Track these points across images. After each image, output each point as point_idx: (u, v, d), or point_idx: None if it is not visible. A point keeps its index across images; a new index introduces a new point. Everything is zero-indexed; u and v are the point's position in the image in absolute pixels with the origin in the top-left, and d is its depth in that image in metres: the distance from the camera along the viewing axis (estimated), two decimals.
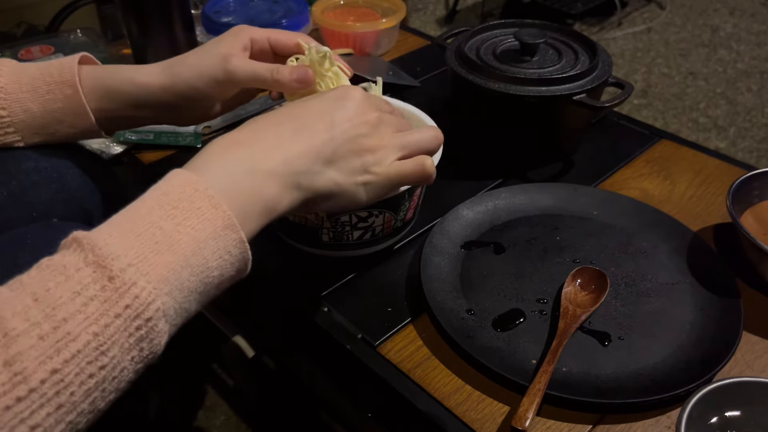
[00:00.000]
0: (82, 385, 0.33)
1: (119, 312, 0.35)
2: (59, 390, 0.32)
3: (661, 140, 0.87)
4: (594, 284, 0.63)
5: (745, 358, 0.58)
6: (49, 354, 0.32)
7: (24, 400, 0.31)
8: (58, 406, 0.32)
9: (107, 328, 0.34)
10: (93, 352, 0.34)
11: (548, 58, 0.80)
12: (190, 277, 0.38)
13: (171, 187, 0.40)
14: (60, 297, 0.34)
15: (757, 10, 2.65)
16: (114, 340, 0.34)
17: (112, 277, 0.35)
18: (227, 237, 0.40)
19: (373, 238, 0.65)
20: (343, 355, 0.60)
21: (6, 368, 0.31)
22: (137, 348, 0.36)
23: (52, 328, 0.33)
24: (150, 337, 0.36)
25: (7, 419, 0.31)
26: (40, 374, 0.32)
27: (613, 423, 0.53)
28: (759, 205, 0.70)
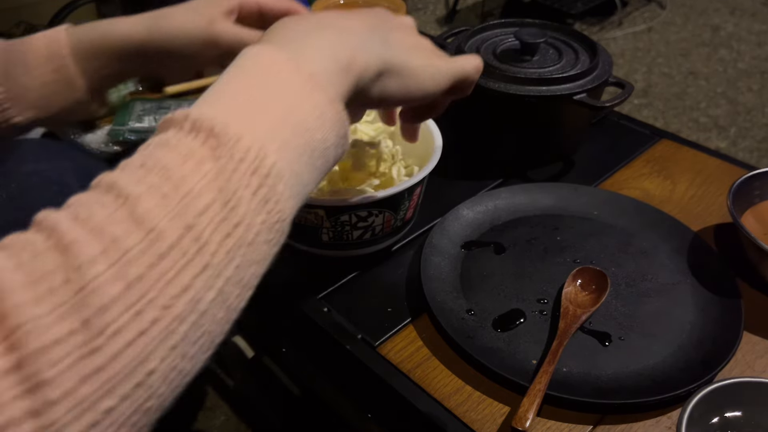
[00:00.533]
0: (222, 245, 0.31)
1: (235, 166, 0.32)
2: (200, 248, 0.30)
3: (662, 140, 0.87)
4: (594, 284, 0.63)
5: (745, 359, 0.58)
6: (177, 210, 0.30)
7: (166, 257, 0.29)
8: (203, 266, 0.30)
9: (229, 183, 0.32)
10: (222, 209, 0.31)
11: (548, 58, 0.80)
12: (294, 137, 0.36)
13: (244, 60, 0.38)
14: (170, 162, 0.32)
15: (758, 9, 2.65)
16: (239, 196, 0.32)
17: (215, 134, 0.33)
18: (314, 96, 0.38)
19: (373, 237, 0.65)
20: (343, 355, 0.60)
21: (137, 226, 0.29)
22: (264, 211, 0.33)
23: (173, 187, 0.31)
24: (273, 198, 0.34)
25: (155, 278, 0.28)
26: (175, 230, 0.30)
27: (614, 423, 0.53)
28: (760, 205, 0.69)
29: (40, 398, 0.25)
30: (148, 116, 0.89)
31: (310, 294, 0.65)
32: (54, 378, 0.25)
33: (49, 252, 0.28)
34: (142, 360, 0.28)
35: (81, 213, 0.29)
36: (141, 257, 0.28)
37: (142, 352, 0.28)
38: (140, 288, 0.28)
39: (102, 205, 0.30)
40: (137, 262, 0.28)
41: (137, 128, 0.87)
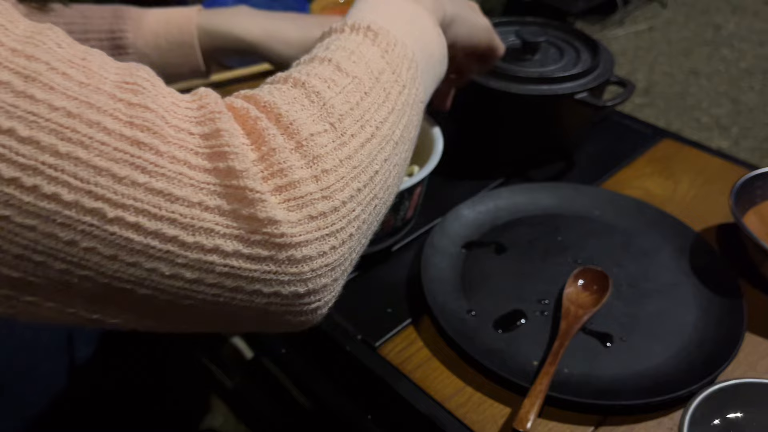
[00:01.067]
0: (398, 98, 0.40)
1: (392, 48, 0.41)
2: (387, 95, 0.39)
3: (664, 139, 0.86)
4: (596, 285, 0.62)
5: (747, 360, 0.58)
6: (366, 70, 0.39)
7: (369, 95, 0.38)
8: (391, 108, 0.39)
9: (392, 59, 0.41)
10: (392, 75, 0.40)
11: (550, 57, 0.80)
12: (420, 39, 0.45)
13: None
14: (347, 45, 0.40)
15: (760, 8, 2.65)
16: (399, 69, 0.41)
17: (371, 29, 0.41)
18: (426, 17, 0.47)
19: (373, 237, 0.65)
20: (342, 356, 0.60)
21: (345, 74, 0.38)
22: (414, 87, 0.42)
23: (358, 57, 0.39)
24: (419, 79, 0.43)
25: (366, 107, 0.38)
26: (370, 80, 0.39)
27: (615, 425, 0.53)
28: (762, 204, 0.69)
29: (318, 168, 0.34)
30: None
31: None
32: (324, 155, 0.34)
33: (292, 88, 0.36)
34: (370, 161, 0.37)
35: (302, 69, 0.38)
36: (354, 92, 0.38)
37: (370, 154, 0.37)
38: (359, 110, 0.37)
39: (313, 66, 0.39)
40: (353, 94, 0.37)
41: None
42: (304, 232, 0.32)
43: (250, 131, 0.33)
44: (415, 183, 0.62)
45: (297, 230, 0.32)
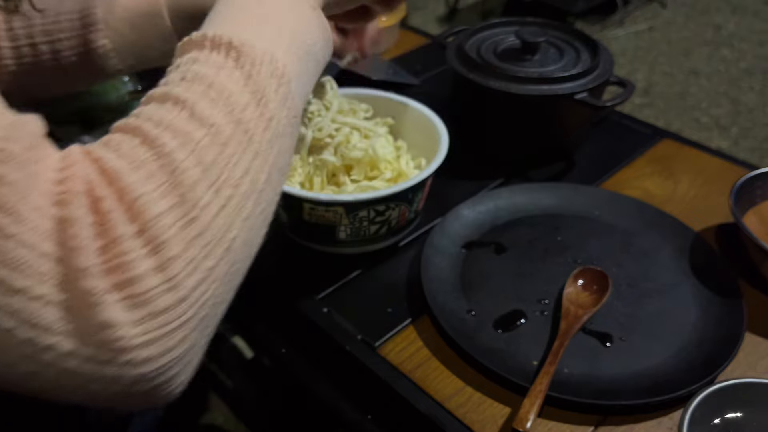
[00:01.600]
0: (263, 135, 0.37)
1: (258, 70, 0.38)
2: (249, 138, 0.36)
3: (663, 140, 0.86)
4: (596, 285, 0.62)
5: (747, 360, 0.58)
6: (226, 110, 0.36)
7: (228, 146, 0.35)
8: (254, 154, 0.36)
9: (257, 85, 0.38)
10: (257, 107, 0.37)
11: (549, 57, 0.80)
12: (292, 43, 0.42)
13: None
14: (206, 73, 0.37)
15: (760, 8, 2.65)
16: (267, 96, 0.38)
17: (234, 46, 0.38)
18: (300, 7, 0.44)
19: (389, 231, 0.66)
20: (342, 356, 0.60)
21: (200, 123, 0.35)
22: (285, 107, 0.39)
23: (217, 92, 0.36)
24: (290, 96, 0.40)
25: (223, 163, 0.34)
26: (229, 126, 0.35)
27: (615, 424, 0.53)
28: (762, 204, 0.69)
29: (163, 256, 0.31)
30: None
31: (310, 294, 0.65)
32: (170, 239, 0.31)
33: (140, 146, 0.33)
34: (226, 229, 0.34)
35: (153, 117, 0.35)
36: (210, 146, 0.34)
37: (225, 223, 0.34)
38: (215, 170, 0.34)
39: (166, 110, 0.35)
40: (208, 150, 0.34)
41: None
42: (144, 333, 0.30)
43: (96, 213, 0.31)
44: (427, 176, 0.63)
45: (136, 331, 0.30)
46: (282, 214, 0.66)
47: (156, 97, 0.36)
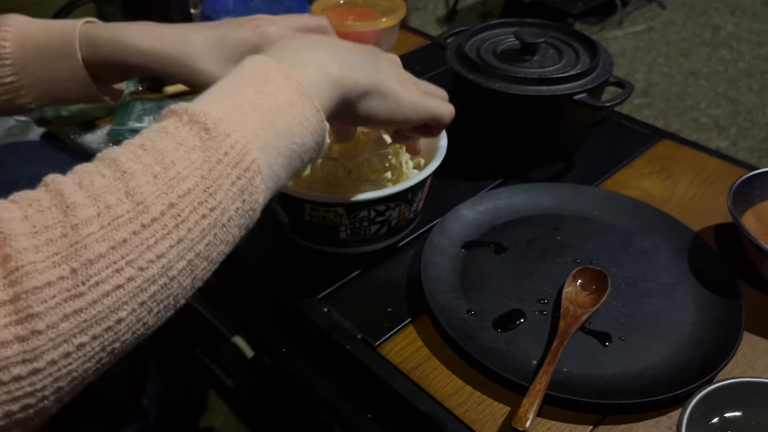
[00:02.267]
0: (197, 224, 0.36)
1: (220, 158, 0.37)
2: (177, 224, 0.35)
3: (662, 140, 0.87)
4: (595, 284, 0.63)
5: (746, 359, 0.58)
6: (164, 190, 0.35)
7: (148, 227, 0.34)
8: (178, 239, 0.35)
9: (212, 172, 0.36)
10: (202, 194, 0.36)
11: (549, 58, 0.80)
12: (276, 139, 0.40)
13: (245, 66, 0.43)
14: (165, 147, 0.36)
15: (759, 9, 2.65)
16: (219, 184, 0.37)
17: (207, 128, 0.37)
18: (303, 104, 0.42)
19: (389, 231, 0.66)
20: (343, 355, 0.60)
21: (128, 198, 0.34)
22: (240, 199, 0.38)
23: (163, 169, 0.35)
24: (249, 190, 0.38)
25: (136, 244, 0.33)
26: (159, 207, 0.34)
27: (614, 424, 0.53)
28: (760, 204, 0.69)
29: (28, 327, 0.30)
30: (148, 116, 0.89)
31: (310, 294, 0.65)
32: (42, 313, 0.30)
33: (53, 209, 0.32)
34: (115, 309, 0.33)
35: (84, 180, 0.34)
36: (128, 224, 0.33)
37: (115, 303, 0.32)
38: (123, 250, 0.33)
39: (103, 176, 0.34)
40: (124, 228, 0.33)
41: (137, 128, 0.87)
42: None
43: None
44: (427, 176, 0.63)
45: None
46: (282, 215, 0.66)
47: (106, 158, 0.36)
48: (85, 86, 0.58)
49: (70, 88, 0.58)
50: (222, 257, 0.39)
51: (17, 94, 0.57)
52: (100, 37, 0.57)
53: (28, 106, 0.59)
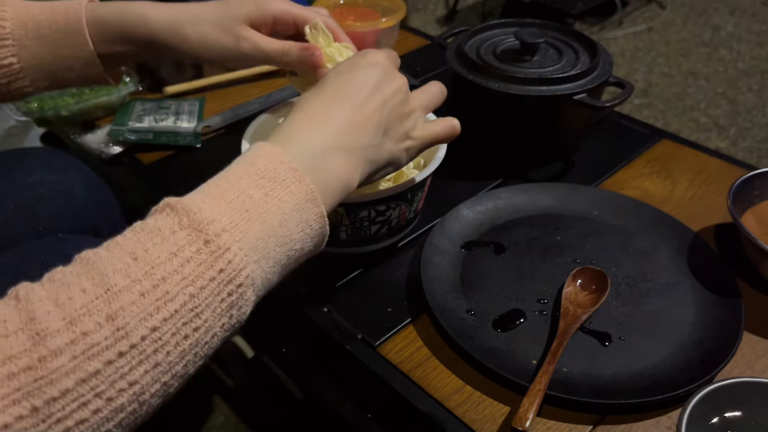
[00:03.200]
0: (178, 345, 0.34)
1: (214, 275, 0.35)
2: (157, 348, 0.33)
3: (662, 140, 0.87)
4: (594, 284, 0.63)
5: (746, 359, 0.58)
6: (149, 311, 0.32)
7: (125, 355, 0.31)
8: (155, 364, 0.33)
9: (202, 291, 0.35)
10: (189, 314, 0.34)
11: (549, 58, 0.80)
12: (276, 248, 0.39)
13: (257, 158, 0.41)
14: (158, 257, 0.34)
15: (758, 9, 2.65)
16: (207, 303, 0.35)
17: (207, 240, 0.35)
18: (309, 210, 0.41)
19: (389, 230, 0.66)
20: (343, 355, 0.60)
21: (109, 323, 0.31)
22: (227, 315, 0.36)
23: (152, 286, 0.33)
24: (239, 304, 0.37)
25: (109, 373, 0.31)
26: (141, 331, 0.32)
27: (614, 423, 0.53)
28: (760, 204, 0.69)
29: None
30: (148, 116, 0.89)
31: (310, 294, 0.65)
32: None
33: (20, 335, 0.30)
34: None
35: (61, 296, 0.31)
36: (103, 353, 0.31)
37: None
38: (93, 382, 0.30)
39: (83, 290, 0.32)
40: (98, 358, 0.30)
41: (137, 128, 0.87)
42: None
43: None
44: (427, 176, 0.63)
45: None
46: None
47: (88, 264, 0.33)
48: (88, 64, 0.56)
49: (72, 67, 0.56)
50: (197, 368, 0.37)
51: (15, 77, 0.55)
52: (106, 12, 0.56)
53: (25, 90, 0.56)
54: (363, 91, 0.48)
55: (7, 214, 0.57)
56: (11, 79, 0.55)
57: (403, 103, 0.50)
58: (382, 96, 0.48)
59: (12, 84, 0.56)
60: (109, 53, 0.57)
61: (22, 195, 0.58)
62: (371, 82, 0.48)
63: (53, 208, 0.58)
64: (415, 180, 0.62)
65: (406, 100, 0.50)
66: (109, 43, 0.56)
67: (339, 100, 0.47)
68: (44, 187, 0.58)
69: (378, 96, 0.48)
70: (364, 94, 0.47)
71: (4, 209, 0.57)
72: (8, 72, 0.55)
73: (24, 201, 0.57)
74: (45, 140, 0.94)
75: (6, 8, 0.54)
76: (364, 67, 0.49)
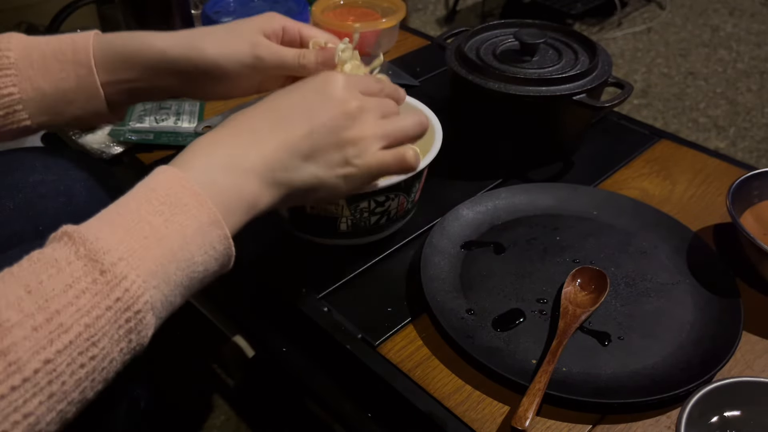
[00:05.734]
0: (73, 374, 0.34)
1: (110, 304, 0.35)
2: (51, 379, 0.33)
3: (661, 140, 0.87)
4: (594, 284, 0.63)
5: (745, 358, 0.58)
6: (42, 344, 0.33)
7: (18, 389, 0.32)
8: (50, 395, 0.33)
9: (98, 320, 0.35)
10: (84, 343, 0.34)
11: (548, 58, 0.80)
12: (177, 272, 0.39)
13: (158, 183, 0.41)
14: (53, 289, 0.34)
15: (757, 10, 2.66)
16: (104, 332, 0.35)
17: (103, 270, 0.35)
18: (212, 233, 0.41)
19: (388, 221, 0.66)
20: (343, 355, 0.60)
21: (1, 358, 0.31)
22: (126, 339, 0.36)
23: (45, 320, 0.33)
24: (138, 329, 0.37)
25: (2, 407, 0.31)
26: (34, 364, 0.32)
27: (613, 423, 0.53)
28: (759, 204, 0.70)
29: None
30: (149, 116, 0.89)
31: (310, 294, 0.65)
32: None
33: None
34: None
35: None
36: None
37: None
38: None
39: None
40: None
41: (138, 128, 0.87)
42: None
43: None
44: (425, 166, 0.64)
45: None
46: (283, 210, 0.66)
47: None
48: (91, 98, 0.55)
49: (74, 101, 0.55)
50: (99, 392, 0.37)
51: (13, 108, 0.54)
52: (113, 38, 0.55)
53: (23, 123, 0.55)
54: (290, 112, 0.47)
55: (7, 214, 0.57)
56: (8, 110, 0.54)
57: (344, 129, 0.48)
58: (311, 119, 0.47)
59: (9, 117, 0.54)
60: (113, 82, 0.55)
61: (23, 194, 0.58)
62: (306, 104, 0.47)
63: (54, 208, 0.58)
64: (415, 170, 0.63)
65: (350, 126, 0.48)
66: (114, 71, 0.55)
67: (257, 119, 0.47)
68: (44, 186, 0.58)
69: (305, 118, 0.47)
70: (288, 115, 0.47)
71: (4, 209, 0.57)
72: (8, 102, 0.54)
73: (24, 200, 0.57)
74: (45, 140, 0.94)
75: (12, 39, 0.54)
76: (309, 90, 0.49)
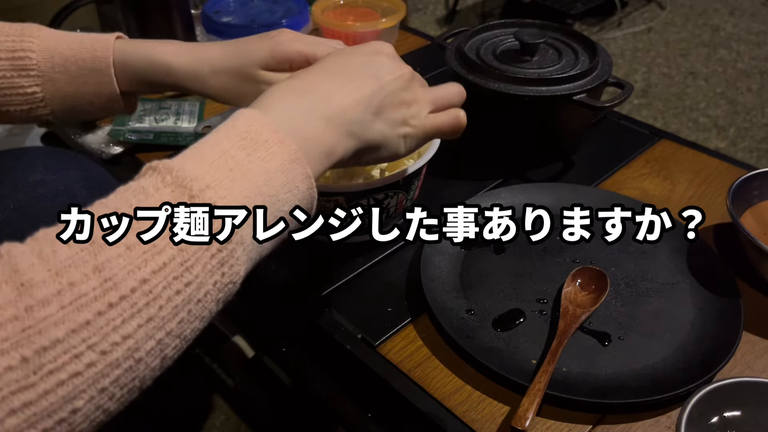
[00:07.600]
0: (170, 300, 0.33)
1: (201, 229, 0.35)
2: (149, 301, 0.32)
3: (661, 140, 0.87)
4: (594, 284, 0.63)
5: (745, 358, 0.58)
6: (137, 264, 0.32)
7: (116, 306, 0.31)
8: (148, 318, 0.32)
9: (190, 245, 0.34)
10: (179, 267, 0.33)
11: (548, 58, 0.80)
12: (265, 207, 0.39)
13: (238, 122, 0.41)
14: (144, 214, 0.34)
15: (757, 9, 2.66)
16: (197, 258, 0.34)
17: (192, 195, 0.35)
18: (294, 170, 0.40)
19: (387, 219, 0.67)
20: (343, 355, 0.60)
21: (96, 274, 0.31)
22: (219, 272, 0.36)
23: (138, 240, 0.33)
24: (230, 262, 0.36)
25: (100, 325, 0.30)
26: (130, 282, 0.32)
27: (613, 423, 0.53)
28: (759, 205, 0.70)
29: None
30: (149, 116, 0.89)
31: (310, 294, 0.65)
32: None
33: (4, 286, 0.29)
34: (70, 399, 0.29)
35: (45, 249, 0.31)
36: (92, 303, 0.30)
37: (71, 392, 0.29)
38: (84, 333, 0.30)
39: (69, 244, 0.32)
40: (87, 308, 0.30)
41: (138, 128, 0.87)
42: None
43: None
44: (424, 164, 0.64)
45: None
46: None
47: None
48: (110, 101, 0.58)
49: (95, 102, 0.58)
50: (197, 333, 0.36)
51: (37, 105, 0.57)
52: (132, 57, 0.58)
53: (45, 117, 0.58)
54: (357, 71, 0.48)
55: (7, 214, 0.57)
56: (32, 106, 0.57)
57: (403, 90, 0.49)
58: (378, 78, 0.48)
59: (32, 111, 0.57)
60: (131, 91, 0.59)
61: (23, 194, 0.58)
62: (370, 65, 0.48)
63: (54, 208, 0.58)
64: (413, 168, 0.63)
65: (408, 88, 0.50)
66: (134, 85, 0.58)
67: (329, 75, 0.47)
68: (45, 186, 0.58)
69: (372, 77, 0.48)
70: (357, 73, 0.47)
71: (4, 209, 0.57)
72: (31, 99, 0.56)
73: (24, 200, 0.57)
74: (45, 140, 0.94)
75: (33, 39, 0.56)
76: (365, 54, 0.49)
